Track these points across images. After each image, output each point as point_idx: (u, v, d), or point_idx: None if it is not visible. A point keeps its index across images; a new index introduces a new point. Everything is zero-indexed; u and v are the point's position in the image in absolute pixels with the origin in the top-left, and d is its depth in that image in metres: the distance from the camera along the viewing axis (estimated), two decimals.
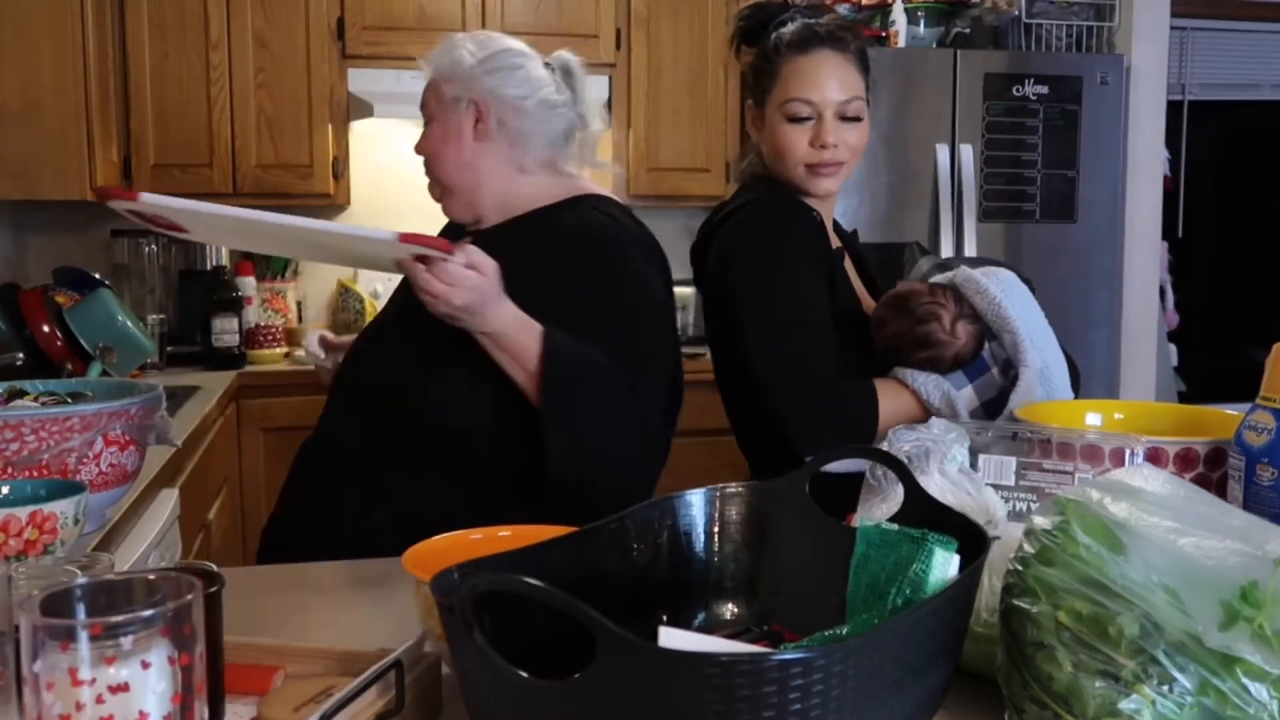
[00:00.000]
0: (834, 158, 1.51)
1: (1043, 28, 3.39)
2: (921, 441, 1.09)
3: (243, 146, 3.33)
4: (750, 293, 1.48)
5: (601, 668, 0.61)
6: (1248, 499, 1.04)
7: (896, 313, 1.48)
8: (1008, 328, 1.44)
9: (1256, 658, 0.69)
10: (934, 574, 0.77)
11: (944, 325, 1.44)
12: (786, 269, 1.48)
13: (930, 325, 1.45)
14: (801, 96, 1.49)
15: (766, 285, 1.48)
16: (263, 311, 3.50)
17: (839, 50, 1.50)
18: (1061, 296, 3.26)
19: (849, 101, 1.50)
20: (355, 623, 1.12)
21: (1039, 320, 1.48)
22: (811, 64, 1.50)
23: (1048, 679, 0.75)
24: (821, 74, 1.49)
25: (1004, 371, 1.46)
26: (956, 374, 1.46)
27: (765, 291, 1.47)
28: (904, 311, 1.47)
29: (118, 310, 2.41)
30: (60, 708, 0.60)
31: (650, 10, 3.59)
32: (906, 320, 1.46)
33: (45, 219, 3.46)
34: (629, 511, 0.90)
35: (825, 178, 1.53)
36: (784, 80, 1.51)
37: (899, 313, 1.48)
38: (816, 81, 1.49)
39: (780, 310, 1.46)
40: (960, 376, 1.46)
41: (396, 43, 3.40)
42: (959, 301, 1.47)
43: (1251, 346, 4.42)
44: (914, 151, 3.21)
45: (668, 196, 3.70)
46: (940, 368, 1.46)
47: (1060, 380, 1.45)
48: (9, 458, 1.21)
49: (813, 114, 1.50)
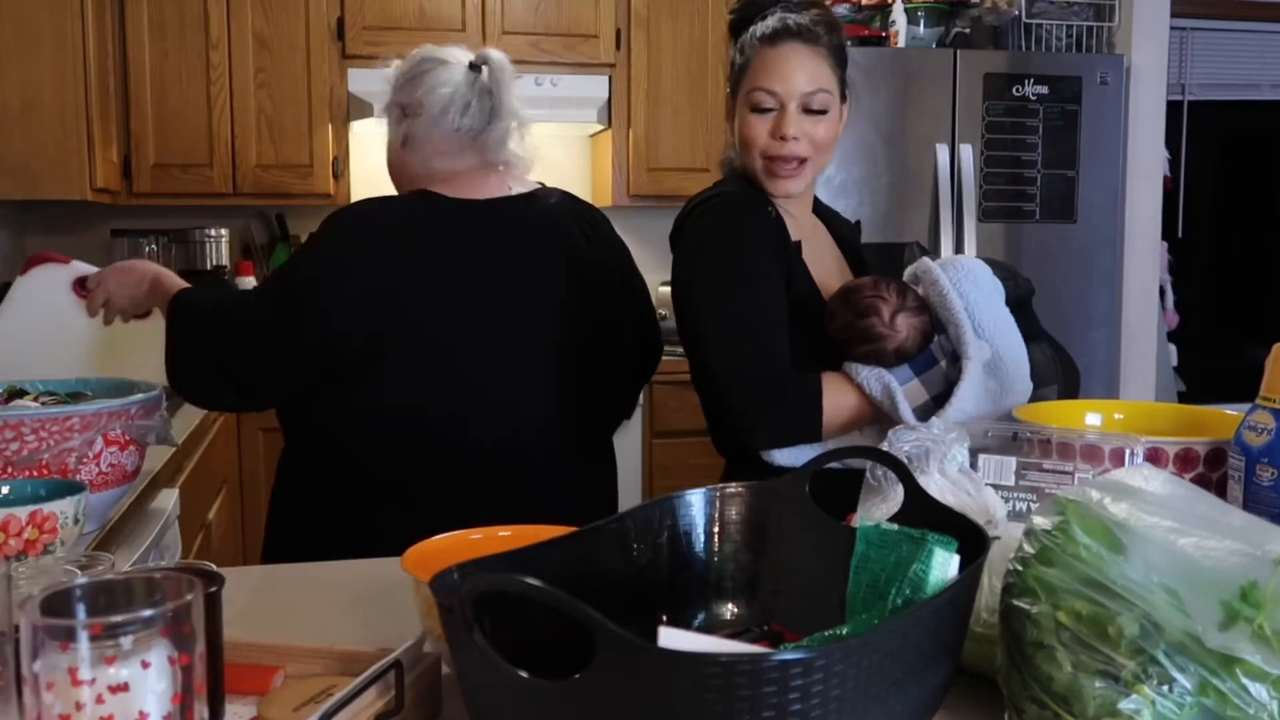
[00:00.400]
0: (793, 151, 1.50)
1: (1043, 28, 3.39)
2: (921, 441, 1.09)
3: (243, 146, 3.34)
4: (704, 289, 1.49)
5: (601, 668, 0.61)
6: (1248, 499, 1.04)
7: (842, 306, 1.48)
8: (953, 319, 1.43)
9: (1256, 658, 0.69)
10: (934, 574, 0.77)
11: (883, 319, 1.43)
12: (740, 264, 1.48)
13: (870, 319, 1.44)
14: (765, 86, 1.49)
15: (719, 282, 1.48)
16: None
17: (809, 43, 1.50)
18: (1061, 296, 3.26)
19: (814, 93, 1.49)
20: (355, 623, 1.12)
21: (994, 310, 1.46)
22: (778, 55, 1.50)
23: (1048, 679, 0.75)
24: (787, 65, 1.49)
25: (953, 364, 1.45)
26: (903, 367, 1.45)
27: (717, 288, 1.48)
28: (848, 305, 1.47)
29: None
30: (60, 708, 0.60)
31: (650, 10, 3.60)
32: (850, 314, 1.46)
33: (45, 219, 3.46)
34: (629, 511, 0.90)
35: (784, 179, 1.52)
36: (752, 71, 1.52)
37: (844, 306, 1.48)
38: (781, 72, 1.49)
39: (732, 307, 1.46)
40: (906, 370, 1.45)
41: (396, 43, 3.39)
42: (902, 294, 1.46)
43: (1251, 346, 4.42)
44: (914, 151, 3.21)
45: (667, 196, 3.70)
46: (884, 361, 1.45)
47: (1017, 371, 1.43)
48: (9, 458, 1.21)
49: (775, 104, 1.50)
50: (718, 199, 1.55)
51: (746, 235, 1.50)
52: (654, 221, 3.84)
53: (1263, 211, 4.64)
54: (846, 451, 1.01)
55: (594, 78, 3.57)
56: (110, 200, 3.12)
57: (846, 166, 3.13)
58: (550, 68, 3.50)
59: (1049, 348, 1.54)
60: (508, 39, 3.45)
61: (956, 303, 1.44)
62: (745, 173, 1.58)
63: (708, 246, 1.51)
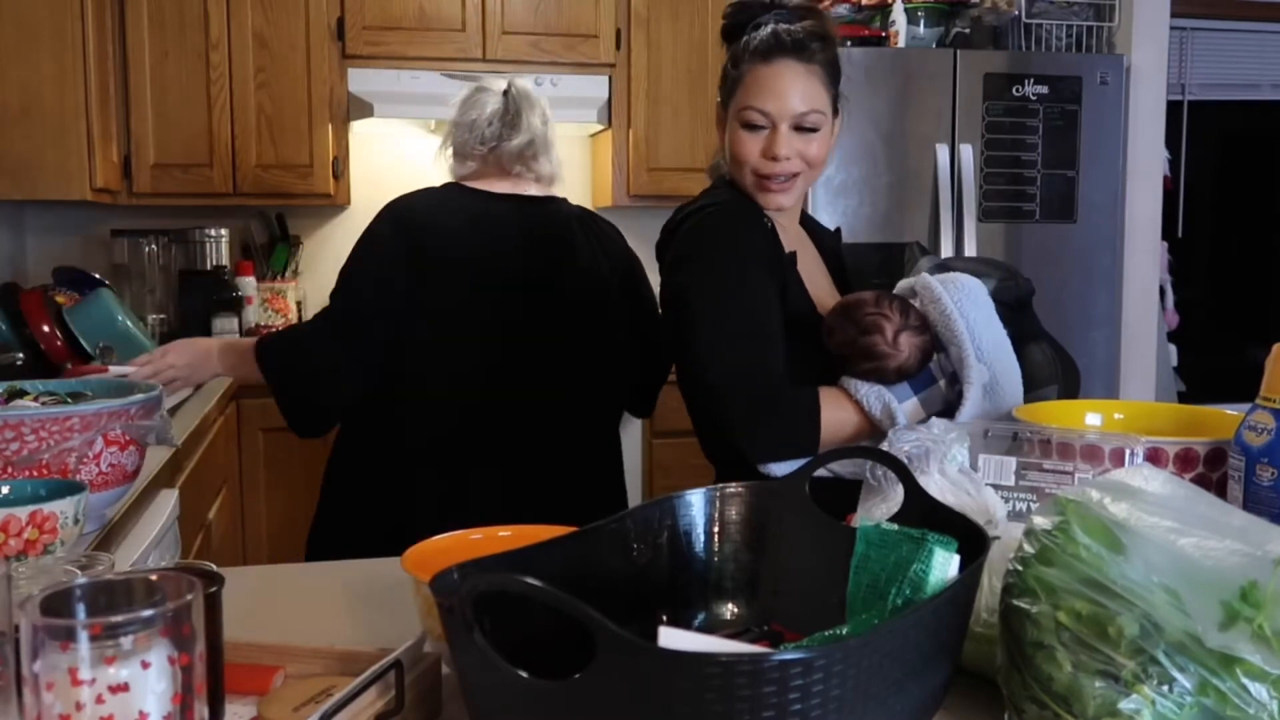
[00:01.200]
0: (785, 170, 1.50)
1: (1043, 28, 3.39)
2: (921, 441, 1.09)
3: (243, 146, 3.33)
4: (700, 300, 1.47)
5: (601, 668, 0.61)
6: (1248, 499, 1.04)
7: (843, 321, 1.47)
8: (955, 340, 1.42)
9: (1256, 658, 0.69)
10: (934, 574, 0.77)
11: (886, 338, 1.42)
12: (736, 276, 1.47)
13: (873, 337, 1.43)
14: (757, 106, 1.49)
15: (716, 293, 1.47)
16: (263, 311, 3.50)
17: (803, 60, 1.49)
18: (1061, 296, 3.26)
19: (807, 114, 1.49)
20: (355, 623, 1.12)
21: (992, 331, 1.45)
22: (771, 74, 1.48)
23: (1048, 679, 0.75)
24: (780, 84, 1.48)
25: (951, 384, 1.44)
26: (902, 385, 1.44)
27: (714, 299, 1.47)
28: (850, 320, 1.46)
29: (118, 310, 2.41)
30: (60, 708, 0.60)
31: (650, 10, 3.59)
32: (852, 330, 1.45)
33: (45, 219, 3.46)
34: (629, 511, 0.90)
35: (775, 193, 1.53)
36: (745, 87, 1.51)
37: (845, 321, 1.47)
38: (774, 91, 1.48)
39: (730, 318, 1.46)
40: (905, 388, 1.45)
41: (396, 43, 3.40)
42: (905, 312, 1.45)
43: (1251, 346, 4.42)
44: (914, 151, 3.21)
45: (667, 196, 3.70)
46: (885, 379, 1.44)
47: (1011, 391, 1.42)
48: (9, 458, 1.21)
49: (767, 124, 1.49)
50: (712, 209, 1.54)
51: (739, 246, 1.49)
52: (654, 221, 3.80)
53: (1263, 211, 4.64)
54: (846, 452, 1.01)
55: (594, 78, 3.57)
56: (110, 200, 3.12)
57: (846, 166, 3.13)
58: (550, 68, 3.50)
59: (1049, 347, 1.53)
60: (508, 39, 3.45)
61: (960, 325, 1.43)
62: (735, 183, 1.58)
63: (702, 256, 1.50)
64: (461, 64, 3.43)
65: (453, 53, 3.43)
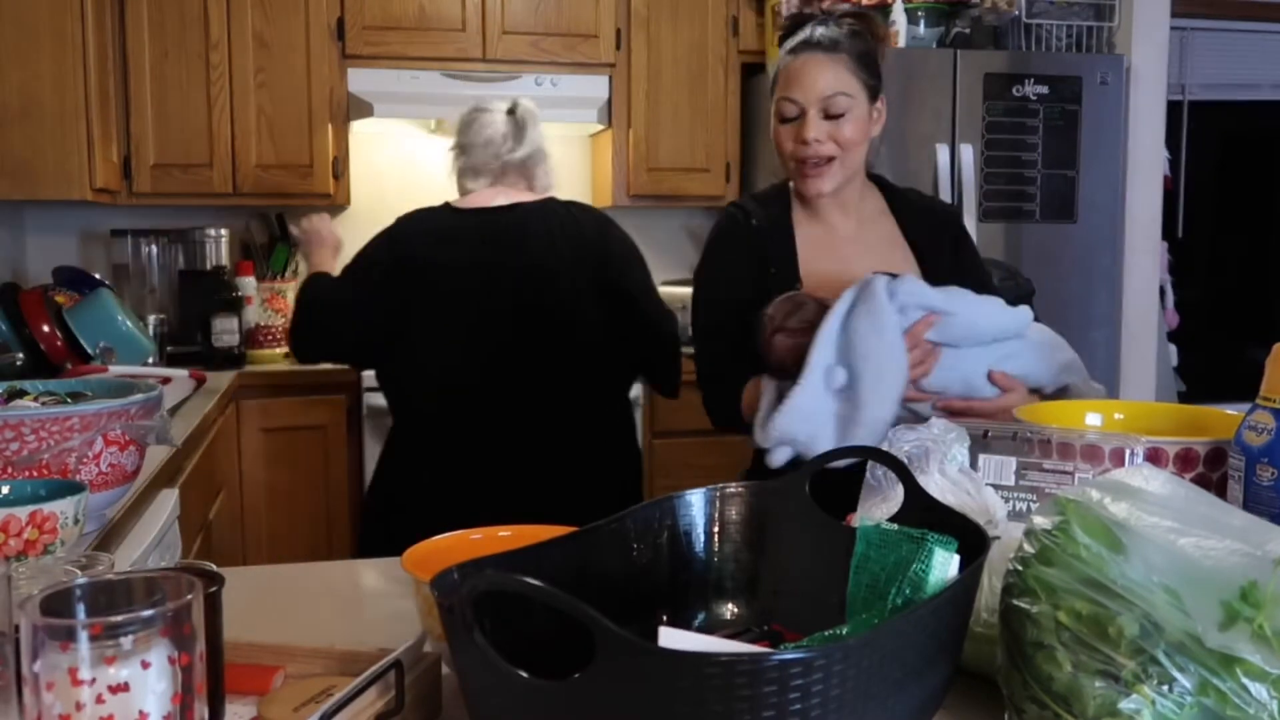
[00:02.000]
0: (817, 153, 1.59)
1: (1043, 28, 3.39)
2: (921, 441, 1.09)
3: (243, 146, 3.33)
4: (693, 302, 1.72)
5: (601, 668, 0.61)
6: (1248, 499, 1.04)
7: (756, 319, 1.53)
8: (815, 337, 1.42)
9: (1256, 658, 0.69)
10: (934, 574, 0.77)
11: (764, 336, 1.48)
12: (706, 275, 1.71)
13: (758, 336, 1.49)
14: (788, 96, 1.60)
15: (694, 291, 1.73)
16: (263, 311, 3.50)
17: (827, 52, 1.59)
18: (1061, 296, 3.26)
19: (832, 97, 1.58)
20: (355, 623, 1.12)
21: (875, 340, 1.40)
22: (797, 66, 1.60)
23: (1048, 679, 0.75)
24: (805, 73, 1.59)
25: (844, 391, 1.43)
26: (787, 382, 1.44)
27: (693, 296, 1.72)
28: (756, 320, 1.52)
29: (118, 310, 2.41)
30: (60, 708, 0.60)
31: (650, 10, 3.59)
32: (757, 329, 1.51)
33: (45, 219, 3.46)
34: (629, 511, 0.90)
35: (812, 178, 1.61)
36: (779, 83, 1.63)
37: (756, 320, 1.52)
38: (800, 81, 1.59)
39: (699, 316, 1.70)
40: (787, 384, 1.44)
41: (396, 43, 3.39)
42: (790, 314, 1.47)
43: (1251, 346, 4.41)
44: (914, 151, 3.21)
45: (667, 196, 3.70)
46: (773, 374, 1.49)
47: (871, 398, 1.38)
48: (9, 458, 1.21)
49: (798, 112, 1.59)
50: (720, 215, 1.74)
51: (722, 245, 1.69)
52: (654, 221, 3.84)
53: (1263, 211, 4.64)
54: (845, 452, 1.01)
55: (594, 78, 3.57)
56: (110, 200, 3.12)
57: None
58: (550, 68, 3.50)
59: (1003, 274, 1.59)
60: (508, 39, 3.45)
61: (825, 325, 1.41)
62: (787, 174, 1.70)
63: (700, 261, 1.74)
64: (461, 64, 3.43)
65: (453, 53, 3.43)
